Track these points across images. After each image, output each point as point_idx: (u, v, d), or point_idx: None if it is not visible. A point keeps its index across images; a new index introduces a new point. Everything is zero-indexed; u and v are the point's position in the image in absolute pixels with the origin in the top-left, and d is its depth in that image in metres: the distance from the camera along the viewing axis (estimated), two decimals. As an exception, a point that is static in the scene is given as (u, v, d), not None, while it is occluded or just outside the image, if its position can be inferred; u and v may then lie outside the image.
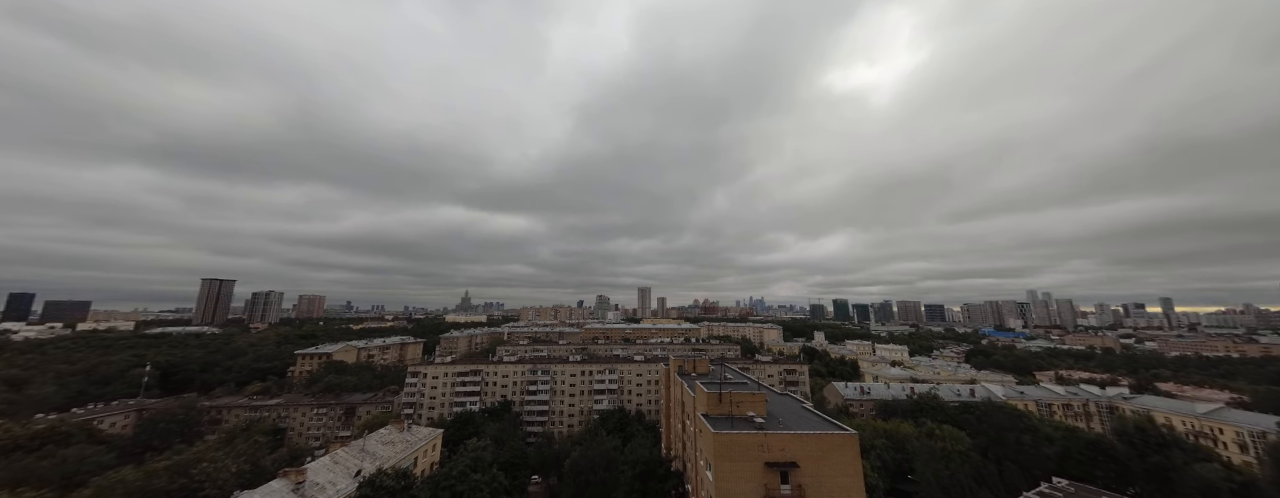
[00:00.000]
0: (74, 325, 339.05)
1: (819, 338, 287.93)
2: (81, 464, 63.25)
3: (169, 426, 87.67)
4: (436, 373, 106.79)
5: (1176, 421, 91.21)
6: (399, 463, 56.67)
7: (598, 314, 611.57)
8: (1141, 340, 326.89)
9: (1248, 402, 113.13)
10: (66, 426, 76.95)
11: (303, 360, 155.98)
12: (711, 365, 70.42)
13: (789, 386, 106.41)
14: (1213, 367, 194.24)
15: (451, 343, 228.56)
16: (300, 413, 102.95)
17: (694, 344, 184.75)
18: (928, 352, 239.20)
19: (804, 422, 42.14)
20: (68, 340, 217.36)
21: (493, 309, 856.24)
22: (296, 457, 70.14)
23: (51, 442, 69.35)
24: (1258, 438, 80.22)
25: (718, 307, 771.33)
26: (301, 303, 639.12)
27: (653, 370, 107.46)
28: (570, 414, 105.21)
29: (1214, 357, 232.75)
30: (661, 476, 56.87)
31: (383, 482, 48.79)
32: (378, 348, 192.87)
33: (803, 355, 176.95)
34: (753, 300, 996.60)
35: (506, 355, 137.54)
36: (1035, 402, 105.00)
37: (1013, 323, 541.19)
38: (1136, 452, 68.81)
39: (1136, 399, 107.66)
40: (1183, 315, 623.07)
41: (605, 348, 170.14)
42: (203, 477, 57.77)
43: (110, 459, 67.58)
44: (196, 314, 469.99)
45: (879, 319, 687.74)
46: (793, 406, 50.32)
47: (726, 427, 38.38)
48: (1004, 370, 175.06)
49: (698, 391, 47.24)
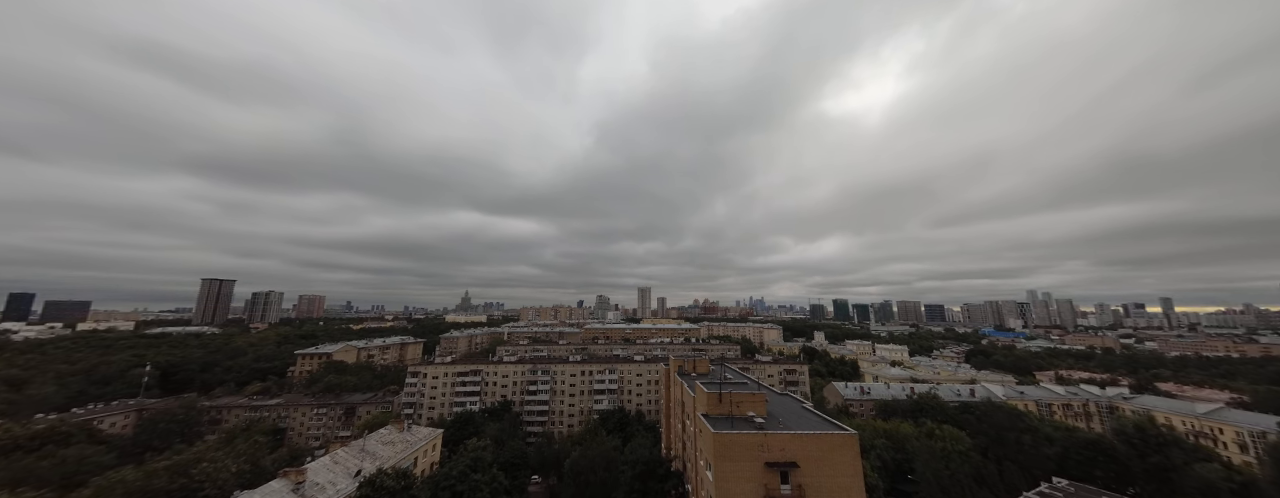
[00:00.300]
0: (74, 325, 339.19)
1: (819, 338, 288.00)
2: (81, 464, 63.28)
3: (169, 426, 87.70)
4: (436, 373, 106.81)
5: (1176, 421, 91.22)
6: (399, 463, 56.66)
7: (598, 314, 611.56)
8: (1141, 340, 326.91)
9: (1248, 402, 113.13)
10: (66, 426, 77.00)
11: (303, 360, 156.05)
12: (711, 366, 70.40)
13: (789, 386, 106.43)
14: (1213, 367, 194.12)
15: (451, 343, 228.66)
16: (300, 413, 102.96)
17: (694, 344, 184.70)
18: (928, 352, 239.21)
19: (804, 422, 42.13)
20: (68, 340, 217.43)
21: (493, 309, 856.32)
22: (296, 457, 70.13)
23: (51, 442, 69.41)
24: (1258, 438, 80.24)
25: (718, 307, 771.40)
26: (301, 303, 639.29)
27: (653, 371, 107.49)
28: (570, 414, 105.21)
29: (1214, 357, 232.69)
30: (661, 476, 56.85)
31: (383, 482, 48.78)
32: (378, 348, 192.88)
33: (803, 355, 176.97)
34: (753, 301, 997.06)
35: (506, 355, 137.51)
36: (1035, 402, 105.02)
37: (1013, 323, 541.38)
38: (1136, 452, 68.77)
39: (1136, 399, 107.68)
40: (1183, 315, 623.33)
41: (605, 348, 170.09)
42: (203, 477, 57.78)
43: (110, 459, 67.61)
44: (196, 314, 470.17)
45: (879, 319, 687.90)
46: (793, 406, 50.28)
47: (726, 427, 38.38)
48: (1004, 370, 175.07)
49: (698, 391, 47.23)
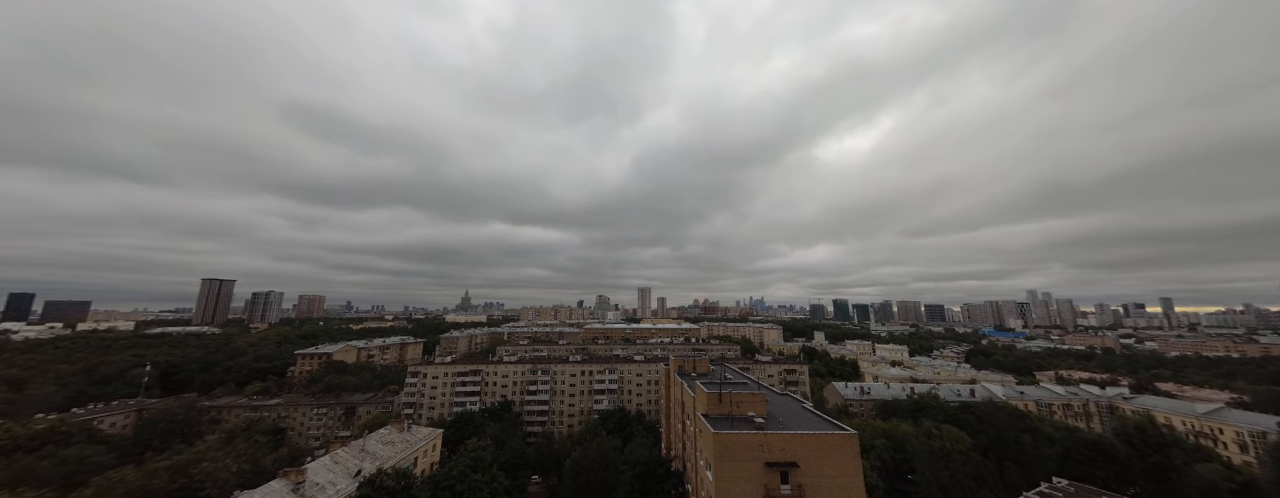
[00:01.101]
0: (74, 325, 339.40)
1: (819, 338, 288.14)
2: (81, 464, 63.25)
3: (169, 426, 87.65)
4: (436, 373, 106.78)
5: (1176, 421, 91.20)
6: (399, 463, 56.65)
7: (598, 314, 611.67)
8: (1141, 341, 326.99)
9: (1248, 402, 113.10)
10: (66, 426, 76.91)
11: (303, 360, 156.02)
12: (711, 366, 70.38)
13: (789, 386, 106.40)
14: (1213, 367, 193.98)
15: (451, 343, 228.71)
16: (300, 413, 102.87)
17: (694, 344, 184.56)
18: (928, 352, 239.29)
19: (804, 422, 42.12)
20: (68, 340, 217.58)
21: (493, 309, 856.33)
22: (296, 457, 70.09)
23: (51, 442, 69.33)
24: (1258, 438, 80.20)
25: (718, 307, 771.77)
26: (301, 303, 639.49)
27: (653, 371, 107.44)
28: (570, 414, 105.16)
29: (1214, 357, 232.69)
30: (661, 476, 56.89)
31: (383, 482, 48.76)
32: (378, 348, 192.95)
33: (802, 355, 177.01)
34: (753, 301, 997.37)
35: (506, 355, 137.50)
36: (1035, 402, 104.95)
37: (1013, 323, 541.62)
38: (1136, 452, 68.80)
39: (1136, 399, 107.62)
40: (1183, 316, 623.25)
41: (605, 348, 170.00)
42: (203, 477, 57.76)
43: (110, 459, 67.60)
44: (196, 314, 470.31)
45: (879, 319, 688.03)
46: (793, 405, 50.27)
47: (726, 427, 38.37)
48: (1004, 370, 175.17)
49: (698, 391, 47.22)
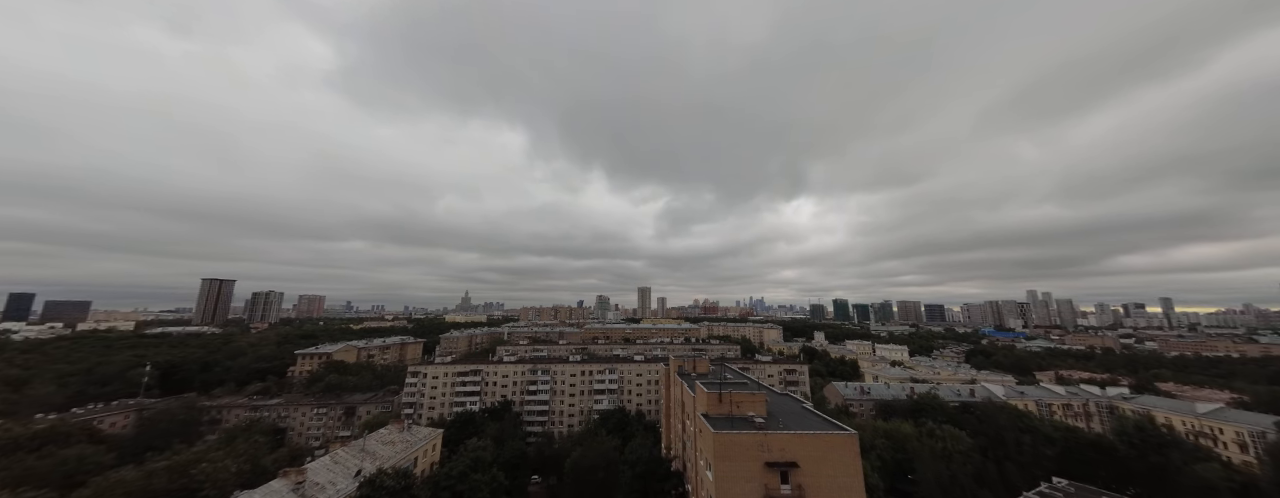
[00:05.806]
0: (74, 325, 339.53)
1: (819, 338, 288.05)
2: (81, 464, 63.25)
3: (169, 426, 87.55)
4: (436, 373, 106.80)
5: (1176, 421, 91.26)
6: (399, 463, 56.67)
7: (598, 314, 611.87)
8: (1141, 341, 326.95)
9: (1248, 402, 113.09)
10: (66, 426, 77.05)
11: (303, 360, 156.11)
12: (711, 365, 70.45)
13: (789, 385, 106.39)
14: (1213, 367, 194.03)
15: (451, 343, 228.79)
16: (300, 413, 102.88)
17: (694, 344, 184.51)
18: (928, 352, 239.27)
19: (804, 422, 42.14)
20: (68, 340, 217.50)
21: (492, 309, 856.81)
22: (297, 457, 70.03)
23: (51, 442, 69.36)
24: (1258, 438, 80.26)
25: (718, 307, 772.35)
26: (301, 303, 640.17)
27: (653, 370, 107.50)
28: (570, 414, 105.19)
29: (1214, 357, 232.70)
30: (661, 476, 56.88)
31: (383, 482, 48.79)
32: (378, 348, 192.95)
33: (803, 355, 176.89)
34: (753, 300, 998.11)
35: (506, 355, 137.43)
36: (1035, 402, 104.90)
37: (1013, 323, 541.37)
38: (1136, 452, 68.71)
39: (1136, 399, 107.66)
40: (1183, 316, 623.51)
41: (605, 348, 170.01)
42: (203, 477, 57.65)
43: (110, 459, 67.59)
44: (196, 314, 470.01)
45: (879, 319, 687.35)
46: (793, 405, 50.29)
47: (726, 427, 38.40)
48: (1004, 370, 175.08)
49: (698, 391, 47.24)
